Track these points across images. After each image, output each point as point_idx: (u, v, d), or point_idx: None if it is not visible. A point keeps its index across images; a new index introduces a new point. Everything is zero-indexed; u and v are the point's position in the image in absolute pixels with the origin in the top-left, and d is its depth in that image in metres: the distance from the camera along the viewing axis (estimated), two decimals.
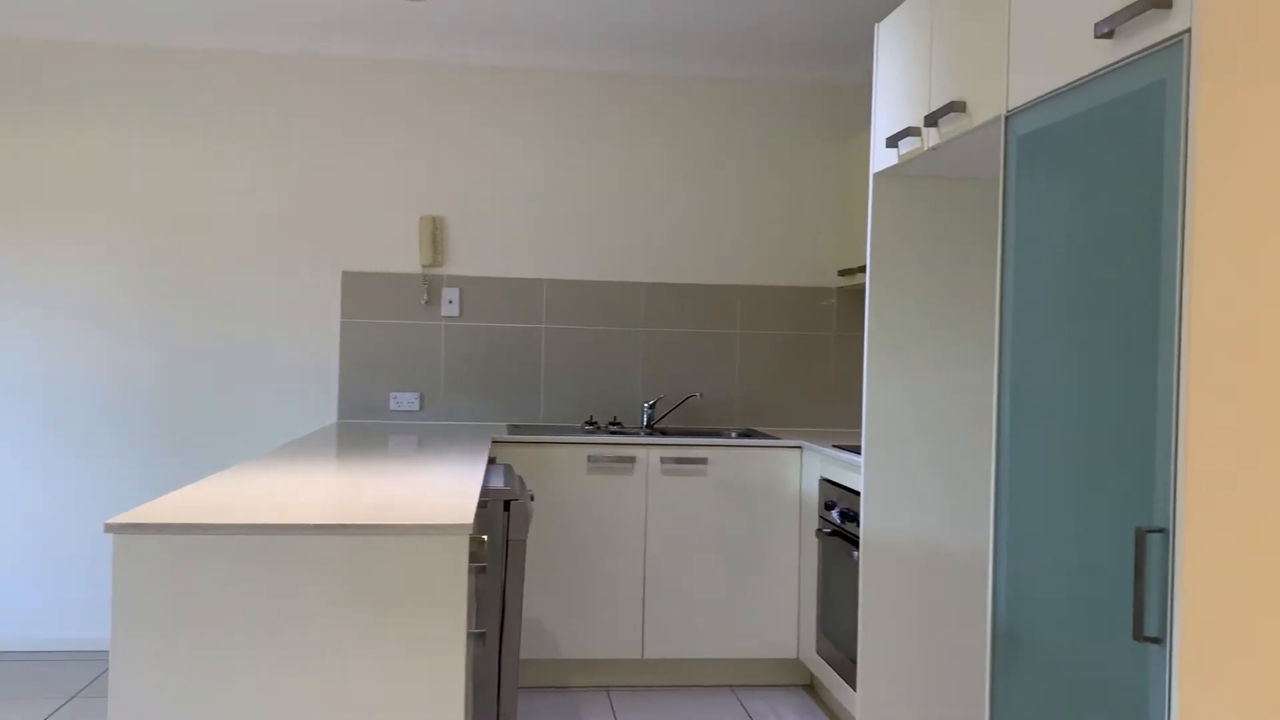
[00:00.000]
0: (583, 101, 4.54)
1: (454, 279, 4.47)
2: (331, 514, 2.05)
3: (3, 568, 4.23)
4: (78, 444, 4.27)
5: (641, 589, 4.05)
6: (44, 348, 4.25)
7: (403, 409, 4.43)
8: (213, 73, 4.33)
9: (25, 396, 4.24)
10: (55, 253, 4.26)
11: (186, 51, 4.32)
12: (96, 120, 4.27)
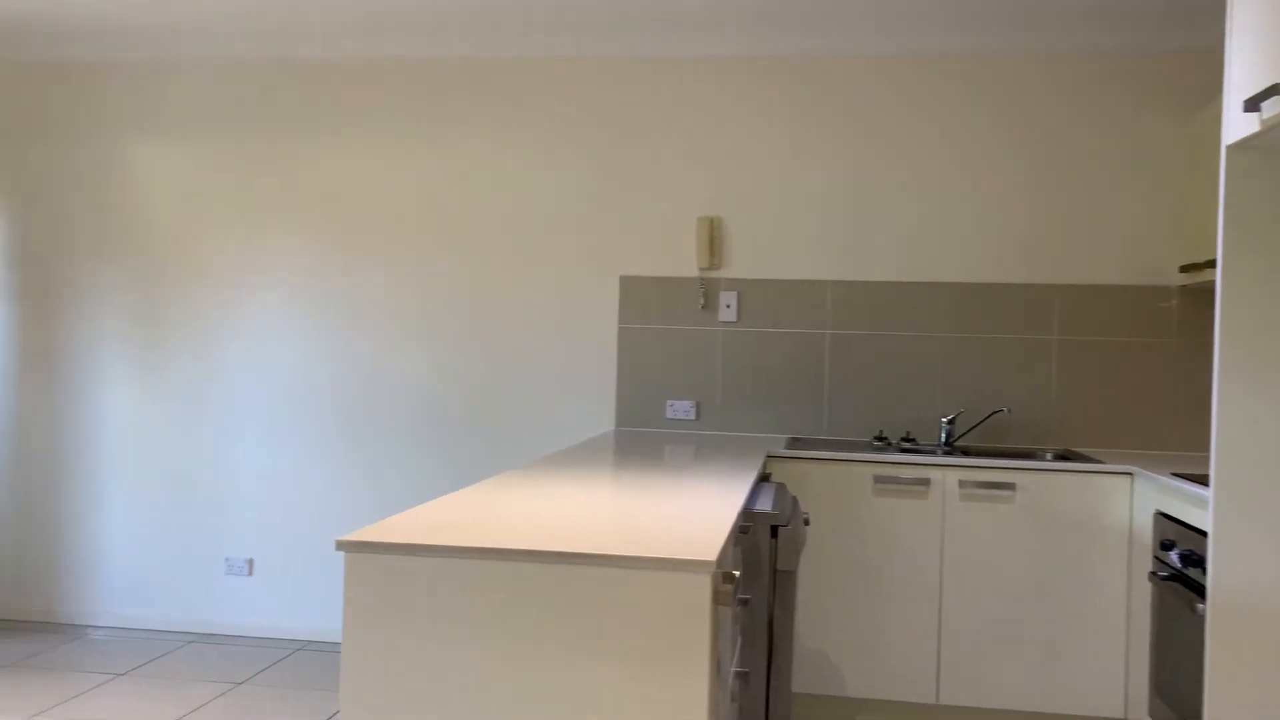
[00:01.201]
0: (867, 89, 4.16)
1: (732, 282, 4.24)
2: (566, 539, 1.86)
3: (308, 563, 4.48)
4: (366, 446, 4.44)
5: (936, 627, 3.61)
6: (335, 353, 4.46)
7: (679, 418, 4.25)
8: (493, 81, 4.37)
9: (316, 399, 4.47)
10: (349, 262, 4.46)
11: (470, 61, 4.38)
12: (384, 134, 4.43)
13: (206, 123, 4.54)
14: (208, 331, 4.54)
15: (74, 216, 4.61)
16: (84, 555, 4.60)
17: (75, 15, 4.18)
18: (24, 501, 4.63)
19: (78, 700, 3.67)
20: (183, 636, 4.47)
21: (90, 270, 4.60)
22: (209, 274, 4.53)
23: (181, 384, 4.55)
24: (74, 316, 4.61)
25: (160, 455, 4.56)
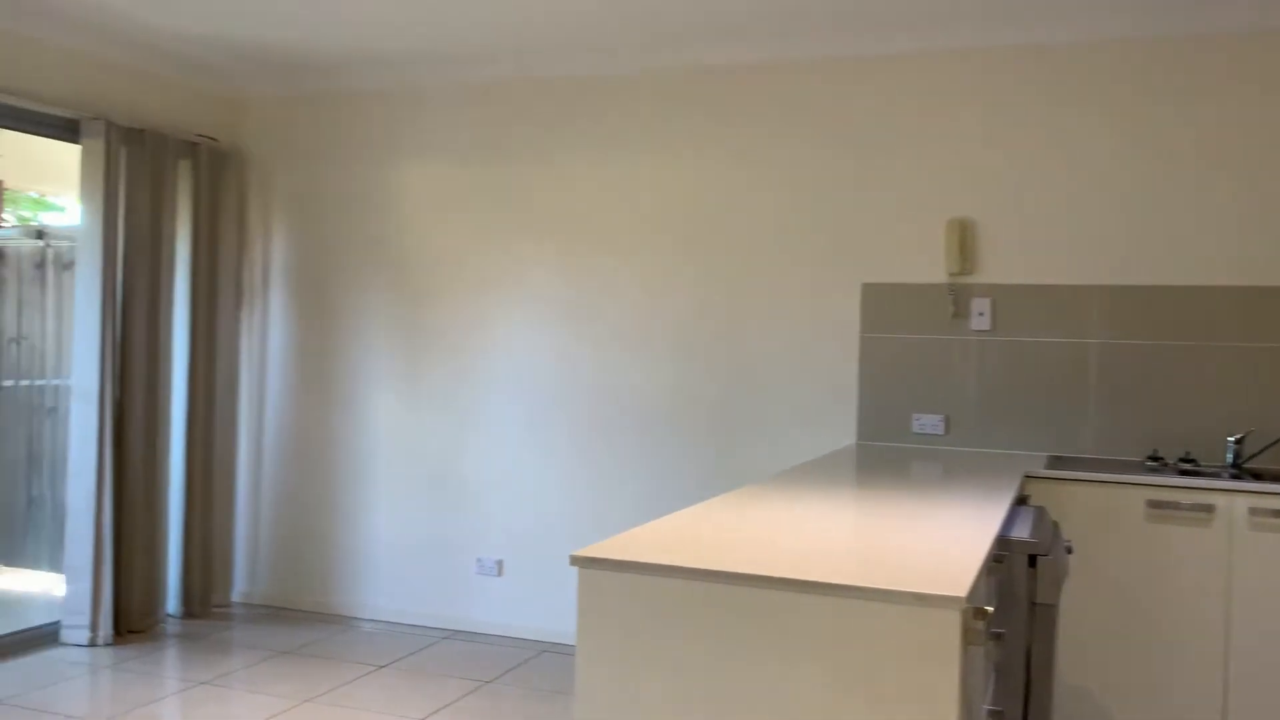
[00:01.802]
0: (1133, 78, 3.80)
1: (985, 288, 3.98)
2: (801, 564, 1.77)
3: (553, 567, 4.59)
4: (608, 453, 4.50)
5: (1222, 670, 3.23)
6: (580, 362, 4.55)
7: (926, 432, 4.03)
8: (732, 89, 4.33)
9: (563, 407, 4.57)
10: (593, 273, 4.53)
11: (707, 71, 4.36)
12: (626, 148, 4.48)
13: (459, 143, 4.77)
14: (461, 342, 4.75)
15: (344, 237, 4.96)
16: (353, 552, 4.93)
17: (341, 49, 4.50)
18: (301, 500, 5.02)
19: (344, 689, 3.93)
20: (438, 633, 4.70)
21: (358, 287, 4.93)
22: (462, 288, 4.75)
23: (438, 392, 4.79)
24: (344, 330, 4.95)
25: (419, 458, 4.82)
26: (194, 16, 4.09)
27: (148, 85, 4.65)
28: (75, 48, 4.31)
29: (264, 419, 5.09)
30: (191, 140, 4.74)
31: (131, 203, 4.44)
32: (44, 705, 3.69)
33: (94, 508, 4.29)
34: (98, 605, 4.31)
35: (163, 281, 4.57)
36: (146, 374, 4.50)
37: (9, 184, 5.86)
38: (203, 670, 4.10)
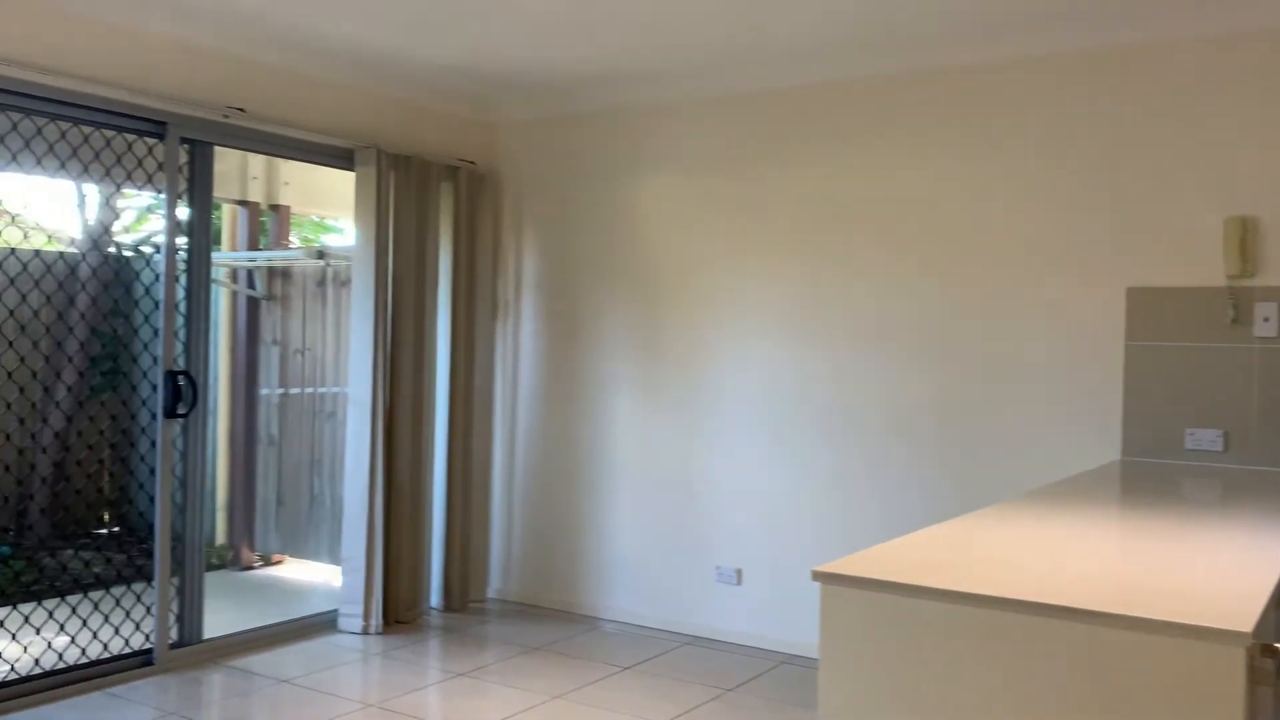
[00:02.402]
0: None
1: (1270, 291, 3.61)
2: (1057, 589, 1.67)
3: (792, 578, 4.55)
4: (847, 465, 4.41)
5: None
6: (818, 370, 4.49)
7: (1201, 449, 3.70)
8: (977, 87, 4.15)
9: (800, 416, 4.52)
10: (833, 280, 4.47)
11: (946, 71, 4.20)
12: (864, 152, 4.39)
13: (695, 155, 4.83)
14: (697, 351, 4.81)
15: (587, 251, 5.14)
16: (597, 555, 5.09)
17: (585, 71, 4.67)
18: (549, 503, 5.24)
19: (590, 688, 4.06)
20: (678, 638, 4.77)
21: (600, 298, 5.10)
22: (699, 297, 4.81)
23: (675, 400, 4.87)
24: (588, 340, 5.13)
25: (658, 466, 4.92)
26: (457, 49, 4.37)
27: (413, 115, 5.01)
28: (350, 84, 4.71)
29: (516, 425, 5.35)
30: (452, 164, 5.07)
31: (399, 224, 4.79)
32: (324, 686, 4.04)
33: (367, 506, 4.65)
34: (370, 596, 4.67)
35: (427, 296, 4.91)
36: (413, 383, 4.85)
37: (294, 209, 6.47)
38: (462, 662, 4.36)
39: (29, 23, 3.62)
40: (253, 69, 4.33)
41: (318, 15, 3.97)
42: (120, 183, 4.23)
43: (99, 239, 6.53)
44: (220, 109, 4.19)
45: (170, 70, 4.04)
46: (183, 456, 4.26)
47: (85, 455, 6.37)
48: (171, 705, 3.81)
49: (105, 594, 4.63)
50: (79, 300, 6.26)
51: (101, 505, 6.59)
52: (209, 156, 4.28)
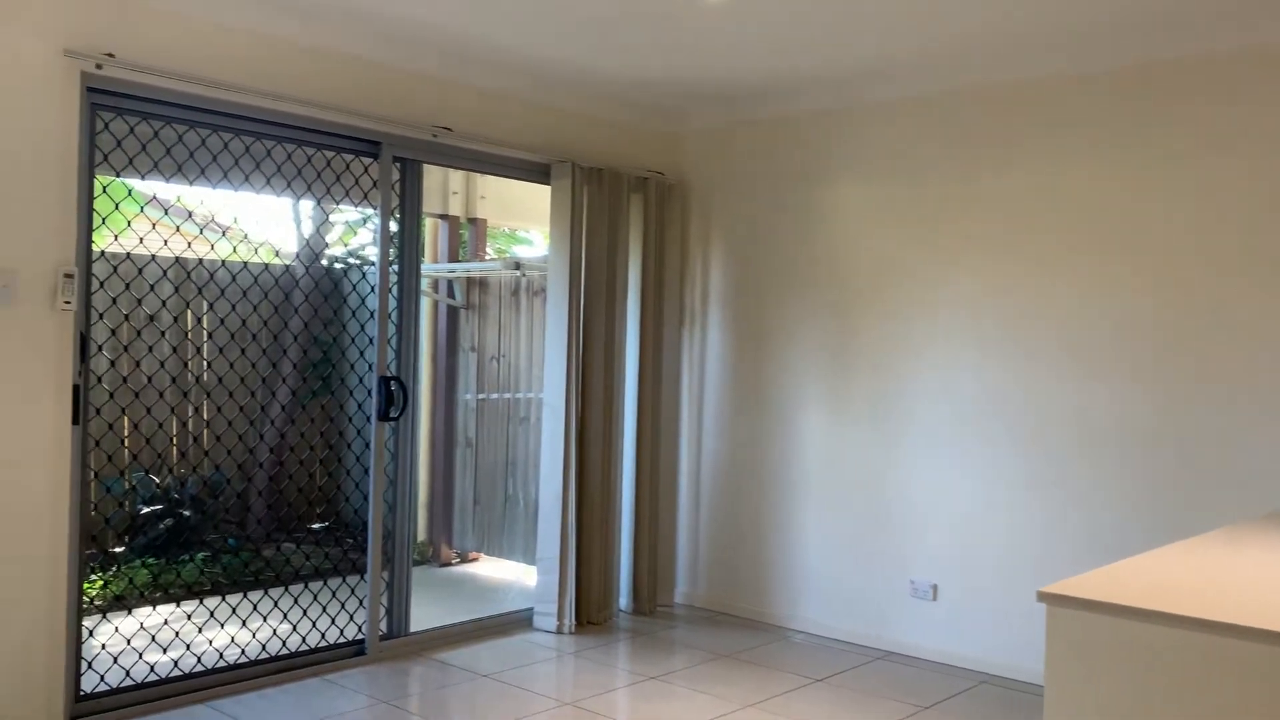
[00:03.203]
0: None
1: None
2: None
3: (993, 595, 4.39)
4: (1052, 478, 4.22)
5: None
6: (1020, 379, 4.31)
7: None
8: (1176, 81, 3.89)
9: (1001, 426, 4.35)
10: (1034, 287, 4.29)
11: (1148, 66, 3.96)
12: (1059, 153, 4.19)
13: (884, 160, 4.74)
14: (889, 359, 4.72)
15: (774, 258, 5.12)
16: (785, 563, 5.06)
17: (772, 77, 4.66)
18: (736, 510, 5.25)
19: (782, 698, 4.04)
20: (869, 651, 4.68)
21: (787, 305, 5.07)
22: (890, 304, 4.72)
23: (866, 409, 4.79)
24: (775, 347, 5.11)
25: (849, 476, 4.85)
26: (646, 63, 4.45)
27: (604, 129, 5.13)
28: (545, 101, 4.86)
29: (702, 431, 5.39)
30: (642, 175, 5.16)
31: (591, 235, 4.91)
32: (522, 682, 4.18)
33: (560, 509, 4.79)
34: (563, 596, 4.80)
35: (617, 305, 5.01)
36: (603, 389, 4.95)
37: (490, 222, 6.73)
38: (652, 665, 4.42)
39: (263, 51, 3.91)
40: (458, 90, 4.53)
41: (519, 37, 4.12)
42: (339, 200, 4.52)
43: (313, 253, 6.99)
44: (429, 129, 4.41)
45: (384, 93, 4.28)
46: (393, 457, 4.50)
47: (301, 455, 6.82)
48: (382, 693, 4.02)
49: (322, 585, 4.93)
50: (296, 310, 6.71)
51: (315, 502, 7.03)
52: (418, 174, 4.51)
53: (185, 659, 4.18)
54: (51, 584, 3.45)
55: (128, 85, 3.58)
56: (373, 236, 7.51)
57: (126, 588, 5.39)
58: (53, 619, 3.45)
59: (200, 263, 6.14)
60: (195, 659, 4.16)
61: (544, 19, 3.93)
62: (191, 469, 6.34)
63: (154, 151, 3.90)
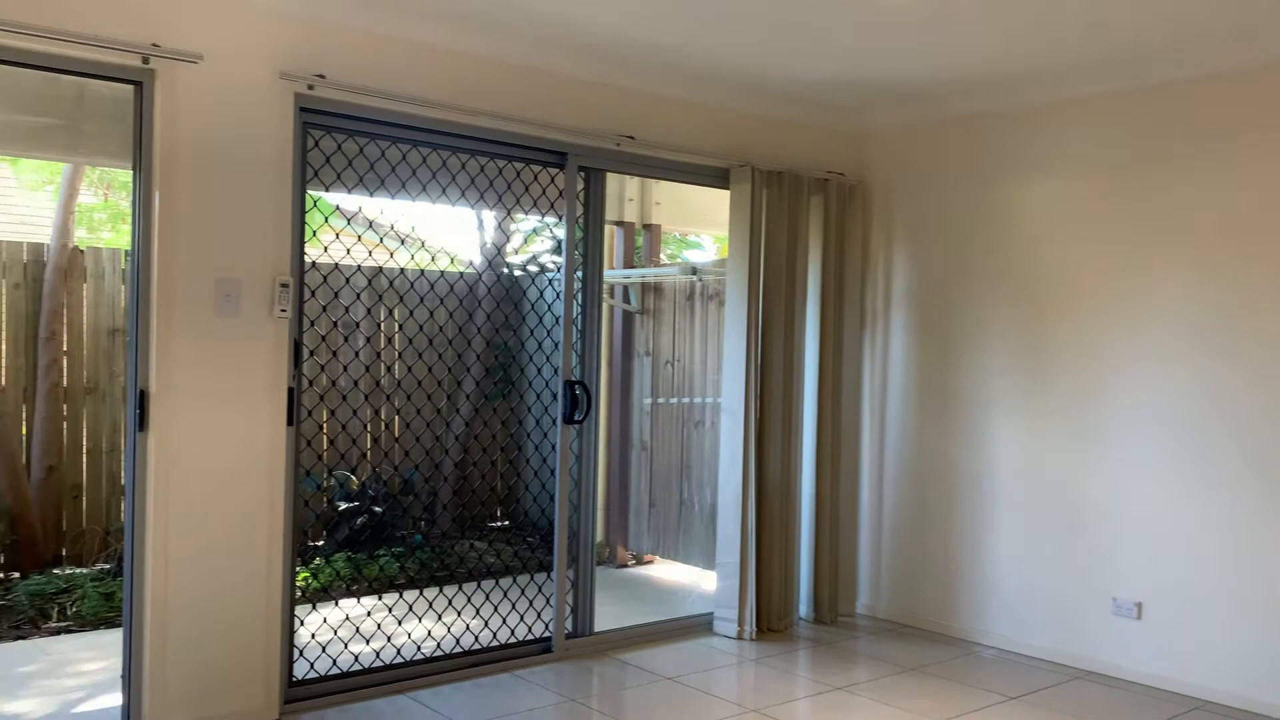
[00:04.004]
0: None
1: None
2: None
3: (1205, 615, 4.12)
4: (1267, 497, 3.93)
5: None
6: (1237, 386, 4.02)
7: None
8: None
9: (1214, 436, 4.07)
10: (1242, 288, 4.00)
11: None
12: (1265, 150, 3.89)
13: (1080, 157, 4.52)
14: (1088, 365, 4.49)
15: (961, 259, 4.96)
16: (974, 576, 4.89)
17: (957, 76, 4.51)
18: (921, 519, 5.11)
19: (974, 715, 3.90)
20: (1066, 670, 4.47)
21: (975, 308, 4.90)
22: (1088, 307, 4.49)
23: (1062, 417, 4.57)
24: (962, 351, 4.95)
25: (1043, 486, 4.64)
26: (829, 63, 4.39)
27: (784, 131, 5.09)
28: (724, 105, 4.86)
29: (885, 437, 5.27)
30: (822, 177, 5.10)
31: (771, 239, 4.88)
32: (704, 687, 4.18)
33: (740, 514, 4.77)
34: (744, 602, 4.78)
35: (796, 309, 4.96)
36: (782, 394, 4.91)
37: (664, 227, 6.79)
38: (835, 675, 4.35)
39: (457, 68, 4.06)
40: (639, 97, 4.58)
41: (704, 43, 4.13)
42: (527, 210, 4.65)
43: (494, 260, 7.21)
44: (613, 138, 4.48)
45: (570, 104, 4.37)
46: (577, 459, 4.59)
47: (481, 456, 7.04)
48: (569, 691, 4.11)
49: (511, 583, 5.07)
50: (477, 316, 6.94)
51: (495, 501, 7.26)
52: (602, 182, 4.59)
53: (383, 649, 4.38)
54: (268, 575, 3.67)
55: (336, 104, 3.79)
56: (550, 244, 7.71)
57: (334, 579, 5.69)
58: (270, 609, 3.68)
59: (391, 271, 6.44)
60: (395, 650, 4.35)
61: (734, 24, 3.93)
62: (384, 468, 6.64)
63: (358, 166, 4.11)
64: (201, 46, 3.46)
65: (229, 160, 3.55)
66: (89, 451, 5.90)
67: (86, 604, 5.09)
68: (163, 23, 3.40)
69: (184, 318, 3.48)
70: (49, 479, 5.74)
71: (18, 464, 5.62)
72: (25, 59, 3.23)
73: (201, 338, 3.51)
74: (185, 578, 3.50)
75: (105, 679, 4.21)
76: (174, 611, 3.48)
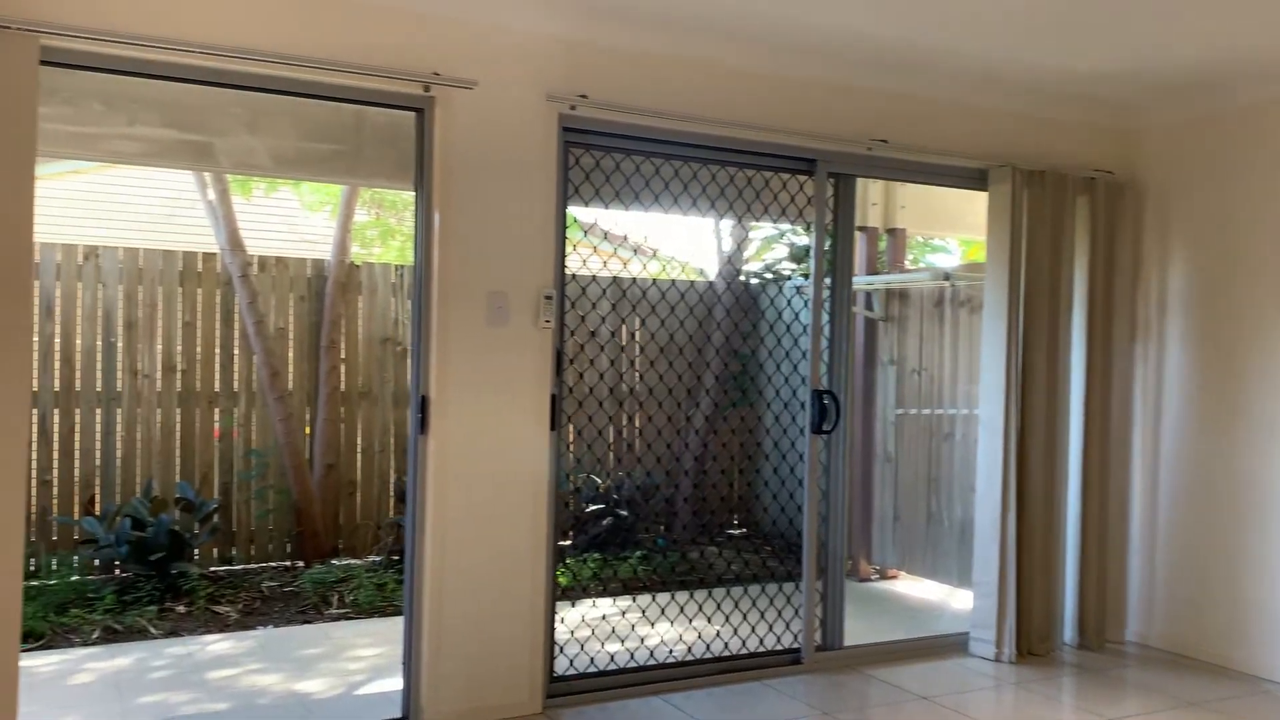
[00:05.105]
0: None
1: None
2: None
3: None
4: None
5: None
6: None
7: None
8: None
9: None
10: None
11: None
12: None
13: None
14: None
15: (1251, 262, 4.54)
16: (1266, 605, 4.45)
17: (1244, 62, 4.12)
18: (1202, 543, 4.70)
19: None
20: None
21: (1267, 315, 4.46)
22: None
23: None
24: (1251, 362, 4.52)
25: None
26: (1101, 55, 4.13)
27: (1045, 128, 4.83)
28: (980, 104, 4.67)
29: (1159, 454, 4.89)
30: (1088, 176, 4.80)
31: (1032, 242, 4.64)
32: (962, 708, 4.02)
33: (998, 531, 4.56)
34: (1002, 623, 4.57)
35: (1060, 316, 4.69)
36: (1045, 406, 4.66)
37: (909, 231, 6.60)
38: (1103, 705, 4.08)
39: (706, 79, 4.10)
40: (890, 100, 4.48)
41: (962, 41, 3.99)
42: (775, 218, 4.64)
43: (729, 269, 7.26)
44: (864, 142, 4.40)
45: (818, 110, 4.33)
46: (825, 470, 4.54)
47: (717, 463, 7.10)
48: (819, 704, 4.06)
49: (760, 592, 5.07)
50: (712, 325, 7.01)
51: (732, 509, 7.29)
52: (851, 188, 4.52)
53: (636, 650, 4.48)
54: (533, 572, 3.84)
55: (595, 122, 3.92)
56: (786, 251, 7.68)
57: (587, 578, 5.89)
58: (534, 604, 3.84)
59: (627, 281, 6.60)
60: (648, 652, 4.43)
61: (1000, 21, 3.77)
62: (627, 472, 6.81)
63: (610, 180, 4.23)
64: (477, 73, 3.66)
65: (499, 180, 3.74)
66: (363, 451, 6.38)
67: (362, 593, 5.50)
68: (442, 53, 3.63)
69: (459, 329, 3.69)
70: (328, 476, 6.24)
71: (303, 462, 6.15)
72: (322, 92, 3.53)
73: (474, 347, 3.72)
74: (458, 571, 3.71)
75: (381, 664, 4.53)
76: (448, 603, 3.69)
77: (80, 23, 3.14)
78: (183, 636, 4.85)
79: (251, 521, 6.08)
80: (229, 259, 6.00)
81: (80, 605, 5.13)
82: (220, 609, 5.27)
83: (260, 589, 5.64)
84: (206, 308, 6.00)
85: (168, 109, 4.20)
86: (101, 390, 5.74)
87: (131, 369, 5.82)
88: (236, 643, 4.80)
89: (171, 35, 3.26)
